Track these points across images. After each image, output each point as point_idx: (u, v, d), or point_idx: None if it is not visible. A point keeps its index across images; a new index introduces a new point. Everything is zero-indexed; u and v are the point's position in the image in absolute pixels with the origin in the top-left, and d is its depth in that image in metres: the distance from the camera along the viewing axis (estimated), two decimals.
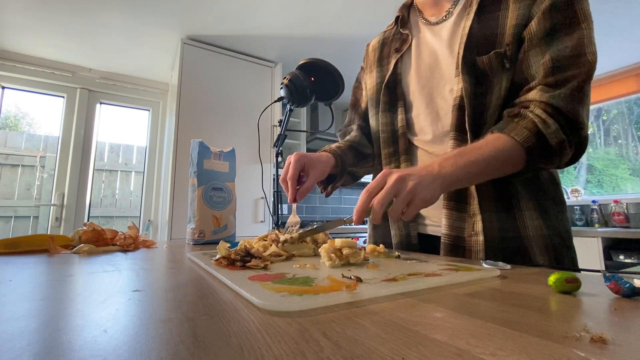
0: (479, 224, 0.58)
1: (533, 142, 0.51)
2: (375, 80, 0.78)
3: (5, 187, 2.37)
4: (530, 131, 0.51)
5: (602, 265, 2.07)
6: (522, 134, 0.51)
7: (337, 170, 0.72)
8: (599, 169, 2.94)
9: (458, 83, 0.60)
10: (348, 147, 0.77)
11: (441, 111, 0.66)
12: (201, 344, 0.18)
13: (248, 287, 0.30)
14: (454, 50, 0.63)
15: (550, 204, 0.60)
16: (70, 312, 0.24)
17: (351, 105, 0.91)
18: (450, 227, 0.61)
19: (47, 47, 2.35)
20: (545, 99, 0.52)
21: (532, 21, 0.55)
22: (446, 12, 0.67)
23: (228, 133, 2.35)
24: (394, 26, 0.79)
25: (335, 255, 0.43)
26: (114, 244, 0.72)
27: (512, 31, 0.56)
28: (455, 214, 0.61)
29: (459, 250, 0.60)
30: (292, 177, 0.62)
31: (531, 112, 0.52)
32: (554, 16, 0.53)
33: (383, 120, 0.74)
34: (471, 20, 0.59)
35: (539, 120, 0.51)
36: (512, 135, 0.51)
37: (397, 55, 0.73)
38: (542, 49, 0.54)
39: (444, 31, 0.66)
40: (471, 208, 0.59)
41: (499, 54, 0.56)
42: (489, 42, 0.58)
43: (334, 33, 2.29)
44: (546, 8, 0.54)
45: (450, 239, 0.61)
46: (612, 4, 1.98)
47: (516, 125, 0.52)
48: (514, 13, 0.56)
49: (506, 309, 0.25)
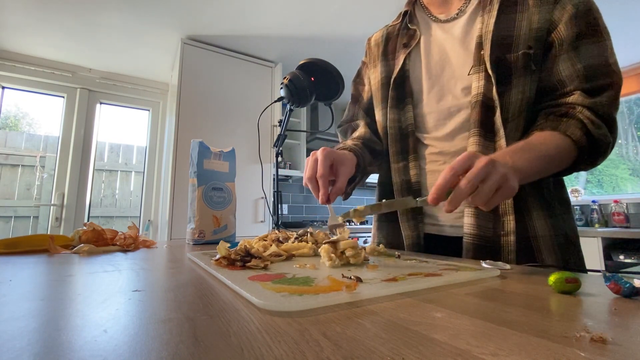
0: (512, 224, 0.57)
1: (585, 142, 0.52)
2: (380, 74, 0.77)
3: (5, 187, 2.37)
4: (582, 131, 0.52)
5: (602, 265, 2.08)
6: (576, 133, 0.52)
7: (358, 170, 0.68)
8: (599, 169, 2.93)
9: (478, 80, 0.60)
10: (363, 144, 0.74)
11: (452, 109, 0.65)
12: (201, 344, 0.18)
13: (248, 287, 0.30)
14: (468, 48, 0.62)
15: (556, 204, 0.60)
16: (70, 312, 0.24)
17: (352, 99, 0.88)
18: (477, 227, 0.59)
19: (47, 47, 2.35)
20: (588, 104, 0.53)
21: (560, 26, 0.56)
22: (458, 10, 0.67)
23: (228, 133, 2.35)
24: (400, 21, 0.78)
25: (335, 255, 0.43)
26: (114, 244, 0.72)
27: (535, 34, 0.57)
28: (484, 213, 0.59)
29: (485, 250, 0.58)
30: (323, 175, 0.54)
31: (580, 113, 0.53)
32: (579, 23, 0.55)
33: (391, 117, 0.73)
34: (494, 18, 0.59)
35: (589, 121, 0.52)
36: (567, 134, 0.52)
37: (406, 50, 0.72)
38: (570, 55, 0.55)
39: (456, 29, 0.66)
40: (502, 207, 0.59)
41: (527, 55, 0.57)
42: (505, 42, 0.58)
43: (333, 33, 2.29)
44: (572, 15, 0.55)
45: (476, 239, 0.59)
46: (611, 4, 1.98)
47: (568, 124, 0.53)
48: (535, 16, 0.57)
49: (506, 309, 0.25)
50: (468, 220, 0.60)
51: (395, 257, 0.51)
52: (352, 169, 0.62)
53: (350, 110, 0.88)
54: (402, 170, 0.71)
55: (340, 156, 0.60)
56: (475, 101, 0.60)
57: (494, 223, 0.59)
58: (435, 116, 0.68)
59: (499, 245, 0.58)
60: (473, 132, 0.60)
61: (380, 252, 0.55)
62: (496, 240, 0.58)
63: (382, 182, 0.80)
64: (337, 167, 0.59)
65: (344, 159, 0.60)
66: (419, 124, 0.71)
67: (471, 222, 0.59)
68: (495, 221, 0.59)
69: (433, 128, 0.69)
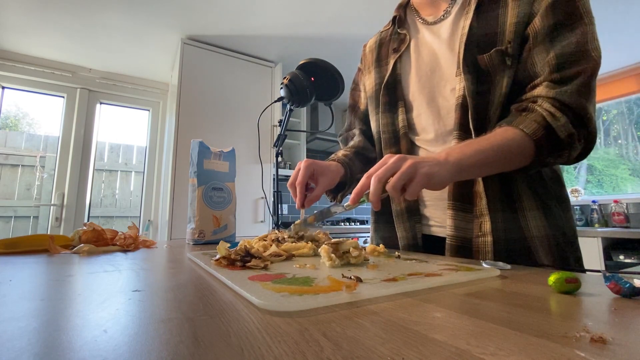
0: (487, 225, 0.57)
1: (542, 135, 0.51)
2: (374, 81, 0.77)
3: (5, 187, 2.37)
4: (539, 124, 0.51)
5: (602, 265, 2.08)
6: (530, 127, 0.51)
7: (346, 179, 0.72)
8: (599, 169, 2.94)
9: (460, 82, 0.60)
10: (354, 154, 0.77)
11: (442, 110, 0.66)
12: (201, 344, 0.18)
13: (248, 287, 0.30)
14: (455, 49, 0.62)
15: (553, 203, 0.60)
16: (70, 312, 0.24)
17: (350, 108, 0.90)
18: (456, 228, 0.60)
19: (47, 47, 2.35)
20: (552, 94, 0.52)
21: (535, 18, 0.55)
22: (444, 12, 0.67)
23: (228, 133, 2.35)
24: (391, 26, 0.79)
25: (335, 256, 0.43)
26: (114, 244, 0.72)
27: (513, 29, 0.56)
28: (461, 215, 0.60)
29: (465, 251, 0.59)
30: (301, 182, 0.62)
31: (539, 106, 0.52)
32: (556, 13, 0.53)
33: (384, 121, 0.74)
34: (470, 19, 0.59)
35: (548, 114, 0.51)
36: (520, 128, 0.51)
37: (396, 55, 0.73)
38: (546, 46, 0.54)
39: (442, 30, 0.66)
40: (477, 208, 0.59)
41: (500, 52, 0.56)
42: (489, 40, 0.58)
43: (334, 33, 2.29)
44: (548, 5, 0.54)
45: (456, 240, 0.60)
46: (611, 3, 1.98)
47: (524, 118, 0.52)
48: (514, 11, 0.56)
49: (506, 309, 0.25)
50: (449, 222, 0.61)
51: (395, 257, 0.51)
52: (335, 179, 0.68)
53: (348, 119, 0.90)
54: None
55: (322, 167, 0.66)
56: (457, 104, 0.60)
57: (473, 224, 0.59)
58: (427, 118, 0.68)
59: (477, 246, 0.58)
60: (454, 135, 0.60)
61: (380, 252, 0.55)
62: (476, 241, 0.59)
63: None
64: (317, 177, 0.65)
65: (326, 170, 0.66)
66: (412, 127, 0.71)
67: (451, 223, 0.61)
68: (474, 222, 0.59)
69: (425, 131, 0.69)
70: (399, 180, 0.45)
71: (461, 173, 0.50)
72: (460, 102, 0.60)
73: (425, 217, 0.70)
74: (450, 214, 0.61)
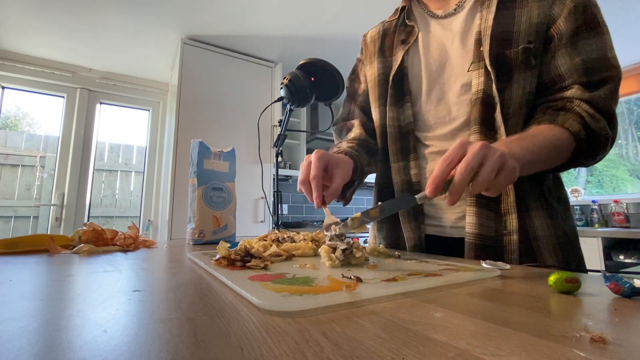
0: (514, 222, 0.56)
1: (584, 135, 0.51)
2: (378, 71, 0.75)
3: (5, 187, 2.37)
4: (580, 124, 0.51)
5: (602, 265, 2.07)
6: (574, 126, 0.51)
7: (355, 173, 0.65)
8: (599, 169, 2.94)
9: (478, 77, 0.59)
10: (359, 145, 0.72)
11: (453, 107, 0.65)
12: (201, 344, 0.18)
13: (248, 287, 0.30)
14: (467, 44, 0.62)
15: (555, 204, 0.60)
16: (70, 312, 0.24)
17: (348, 97, 0.86)
18: (479, 226, 0.58)
19: (47, 47, 2.35)
20: (587, 97, 0.53)
21: (559, 21, 0.56)
22: (456, 6, 0.66)
23: (228, 133, 2.35)
24: (397, 17, 0.76)
25: (335, 256, 0.43)
26: (114, 244, 0.72)
27: (535, 29, 0.56)
28: (485, 212, 0.58)
29: (488, 250, 0.57)
30: (317, 176, 0.52)
31: (578, 106, 0.53)
32: (578, 18, 0.55)
33: (390, 115, 0.71)
34: (493, 13, 0.59)
35: (587, 114, 0.52)
36: (565, 126, 0.51)
37: (405, 47, 0.71)
38: (570, 50, 0.55)
39: (454, 25, 0.65)
40: (504, 206, 0.58)
41: (527, 49, 0.56)
42: (504, 38, 0.58)
43: (333, 33, 2.29)
44: (570, 9, 0.55)
45: (478, 239, 0.58)
46: (611, 3, 1.98)
47: (566, 117, 0.52)
48: (535, 12, 0.57)
49: (506, 309, 0.25)
50: (470, 219, 0.59)
51: (395, 257, 0.51)
52: (349, 172, 0.60)
53: (345, 108, 0.86)
54: (403, 170, 0.70)
55: (335, 159, 0.58)
56: (476, 98, 0.59)
57: (495, 222, 0.58)
58: (435, 114, 0.67)
59: (502, 244, 0.57)
60: (474, 130, 0.59)
61: (380, 252, 0.55)
62: (499, 239, 0.57)
63: (379, 181, 0.78)
64: (332, 169, 0.57)
65: (340, 161, 0.58)
66: (419, 123, 0.70)
67: (473, 221, 0.58)
68: (497, 220, 0.58)
69: (433, 127, 0.68)
70: (492, 172, 0.38)
71: (524, 168, 0.45)
72: (481, 96, 0.59)
73: (430, 217, 0.68)
74: (472, 211, 0.59)
